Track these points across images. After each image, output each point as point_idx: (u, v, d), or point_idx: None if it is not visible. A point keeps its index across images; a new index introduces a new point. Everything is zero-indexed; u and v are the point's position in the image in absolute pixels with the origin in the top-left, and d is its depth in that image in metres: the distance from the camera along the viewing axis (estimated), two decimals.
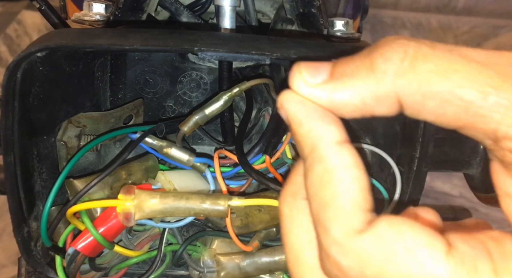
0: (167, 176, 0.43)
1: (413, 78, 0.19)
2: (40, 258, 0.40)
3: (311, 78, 0.21)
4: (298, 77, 0.21)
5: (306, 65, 0.21)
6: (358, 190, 0.19)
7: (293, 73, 0.21)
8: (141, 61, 0.52)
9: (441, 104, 0.19)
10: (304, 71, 0.21)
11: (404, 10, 2.04)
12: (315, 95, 0.21)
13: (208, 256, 0.44)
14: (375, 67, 0.19)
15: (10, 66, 0.33)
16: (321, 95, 0.21)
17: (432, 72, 0.19)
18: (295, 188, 0.22)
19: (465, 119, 0.19)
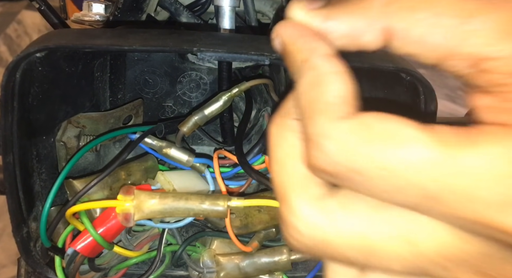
0: (167, 176, 0.43)
1: (401, 5, 0.20)
2: (39, 258, 0.40)
3: (308, 5, 0.23)
4: (296, 4, 0.23)
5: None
6: (345, 89, 0.20)
7: (291, 3, 0.23)
8: (141, 61, 0.52)
9: (425, 31, 0.20)
10: (302, 0, 0.23)
11: None
12: (309, 20, 0.22)
13: (207, 257, 0.44)
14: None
15: (9, 67, 0.33)
16: (315, 20, 0.22)
17: (418, 1, 0.20)
18: (285, 111, 0.23)
19: (446, 45, 0.19)
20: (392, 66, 0.35)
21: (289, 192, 0.22)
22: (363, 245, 0.20)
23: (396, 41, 0.21)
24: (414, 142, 0.18)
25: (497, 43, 0.18)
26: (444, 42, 0.19)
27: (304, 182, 0.21)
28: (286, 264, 0.44)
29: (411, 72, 0.35)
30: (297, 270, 0.47)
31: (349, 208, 0.20)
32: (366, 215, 0.20)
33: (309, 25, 0.22)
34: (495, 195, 0.17)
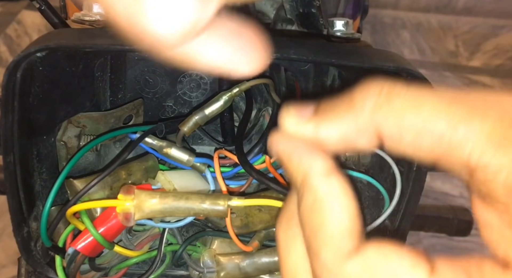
0: (167, 176, 0.43)
1: (388, 112, 0.20)
2: (40, 258, 0.41)
3: (297, 115, 0.23)
4: (286, 115, 0.23)
5: (293, 105, 0.23)
6: (346, 216, 0.20)
7: (282, 113, 0.23)
8: (141, 61, 0.52)
9: (416, 137, 0.20)
10: (292, 109, 0.23)
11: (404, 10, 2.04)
12: (301, 131, 0.22)
13: (208, 256, 0.44)
14: (354, 103, 0.21)
15: (9, 66, 0.33)
16: (306, 131, 0.22)
17: (406, 106, 0.20)
18: (289, 215, 0.23)
19: (439, 151, 0.20)
20: (392, 66, 0.35)
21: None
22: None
23: (388, 144, 0.21)
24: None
25: (487, 152, 0.18)
26: (435, 148, 0.20)
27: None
28: None
29: (411, 71, 0.35)
30: None
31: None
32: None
33: (302, 135, 0.22)
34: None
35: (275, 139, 0.23)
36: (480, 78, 1.82)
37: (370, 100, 0.21)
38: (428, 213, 1.07)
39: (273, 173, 0.45)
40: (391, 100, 0.20)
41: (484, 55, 1.92)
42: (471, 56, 1.91)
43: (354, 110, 0.21)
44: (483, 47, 1.94)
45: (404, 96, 0.20)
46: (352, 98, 0.21)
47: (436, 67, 1.84)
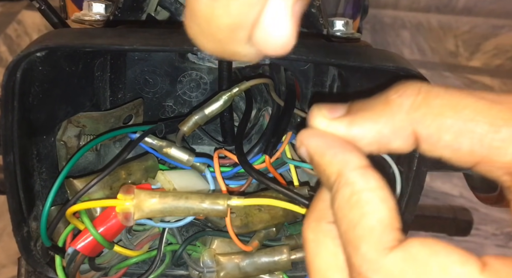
0: (167, 176, 0.43)
1: (427, 111, 0.20)
2: (39, 257, 0.40)
3: (329, 114, 0.22)
4: (318, 113, 0.23)
5: (324, 104, 0.23)
6: (386, 209, 0.20)
7: (312, 110, 0.23)
8: (141, 61, 0.52)
9: (455, 137, 0.19)
10: (323, 108, 0.23)
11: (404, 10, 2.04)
12: (334, 128, 0.22)
13: (207, 256, 0.44)
14: (391, 101, 0.21)
15: (9, 66, 0.33)
16: (339, 129, 0.22)
17: (445, 106, 0.20)
18: (319, 214, 0.22)
19: (480, 152, 0.19)
20: (392, 66, 0.35)
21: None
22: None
23: (425, 145, 0.20)
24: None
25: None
26: (476, 149, 0.19)
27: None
28: (286, 263, 0.44)
29: (411, 71, 0.35)
30: (297, 270, 0.47)
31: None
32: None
33: (334, 134, 0.22)
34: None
35: (306, 135, 0.22)
36: (480, 78, 1.82)
37: (408, 99, 0.20)
38: (428, 213, 1.07)
39: (273, 173, 0.45)
40: (430, 100, 0.20)
41: (484, 55, 1.92)
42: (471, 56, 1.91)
43: (390, 110, 0.21)
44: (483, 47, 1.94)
45: (444, 97, 0.20)
46: (388, 98, 0.21)
47: (436, 67, 1.84)
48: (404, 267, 0.18)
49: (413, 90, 0.21)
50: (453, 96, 0.20)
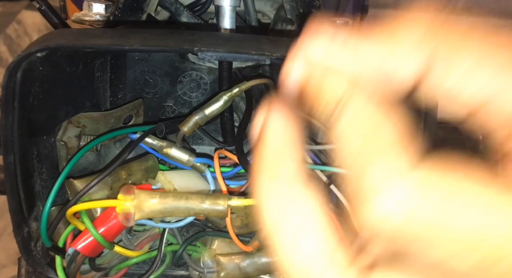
0: (167, 176, 0.43)
1: (447, 36, 0.18)
2: (40, 258, 0.40)
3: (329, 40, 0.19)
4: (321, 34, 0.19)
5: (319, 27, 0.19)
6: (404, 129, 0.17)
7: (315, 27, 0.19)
8: (141, 61, 0.52)
9: (471, 70, 0.17)
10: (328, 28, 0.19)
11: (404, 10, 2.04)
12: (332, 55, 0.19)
13: (208, 256, 0.44)
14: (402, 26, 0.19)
15: (10, 67, 0.33)
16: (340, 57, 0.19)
17: (463, 36, 0.18)
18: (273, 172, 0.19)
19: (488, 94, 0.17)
20: None
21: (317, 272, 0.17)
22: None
23: (433, 79, 0.18)
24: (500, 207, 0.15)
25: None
26: (486, 91, 0.17)
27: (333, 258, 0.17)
28: None
29: None
30: None
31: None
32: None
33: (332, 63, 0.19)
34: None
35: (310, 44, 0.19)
36: None
37: (421, 26, 0.18)
38: None
39: None
40: (449, 27, 0.18)
41: None
42: None
43: (403, 29, 0.18)
44: None
45: (462, 27, 0.18)
46: (399, 23, 0.19)
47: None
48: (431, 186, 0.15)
49: (426, 17, 0.18)
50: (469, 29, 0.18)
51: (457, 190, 0.15)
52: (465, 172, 0.16)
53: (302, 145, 0.19)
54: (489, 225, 0.15)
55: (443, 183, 0.16)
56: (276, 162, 0.19)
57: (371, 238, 0.17)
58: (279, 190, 0.18)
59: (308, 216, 0.18)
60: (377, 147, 0.16)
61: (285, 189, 0.18)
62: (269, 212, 0.18)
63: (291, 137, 0.19)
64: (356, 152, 0.17)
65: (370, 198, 0.16)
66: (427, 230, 0.15)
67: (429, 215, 0.15)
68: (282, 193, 0.18)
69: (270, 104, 0.20)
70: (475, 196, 0.15)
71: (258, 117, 0.20)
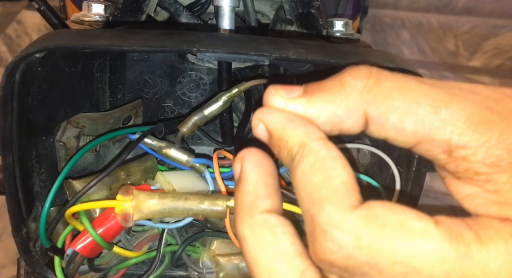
0: (166, 177, 0.43)
1: (378, 92, 0.21)
2: (39, 258, 0.40)
3: (286, 94, 0.23)
4: (274, 93, 0.24)
5: (280, 85, 0.24)
6: (347, 174, 0.21)
7: (268, 91, 0.24)
8: (141, 61, 0.52)
9: (401, 118, 0.21)
10: (280, 88, 0.24)
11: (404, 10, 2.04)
12: (291, 108, 0.23)
13: (207, 257, 0.44)
14: (345, 83, 0.22)
15: (8, 67, 0.33)
16: (296, 108, 0.23)
17: (393, 89, 0.21)
18: (248, 208, 0.23)
19: (422, 132, 0.21)
20: (392, 66, 0.35)
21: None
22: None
23: (373, 126, 0.22)
24: (427, 236, 0.19)
25: (467, 133, 0.20)
26: (418, 129, 0.21)
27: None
28: None
29: (411, 72, 0.35)
30: None
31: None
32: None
33: (292, 112, 0.23)
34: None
35: (264, 111, 0.23)
36: (480, 78, 1.82)
37: (361, 82, 0.22)
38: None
39: None
40: (380, 83, 0.22)
41: (484, 55, 1.92)
42: (471, 56, 1.91)
43: (345, 91, 0.22)
44: (483, 47, 1.94)
45: (392, 80, 0.22)
46: (343, 80, 0.22)
47: (436, 67, 1.84)
48: (366, 224, 0.19)
49: (365, 73, 0.22)
50: (400, 79, 0.21)
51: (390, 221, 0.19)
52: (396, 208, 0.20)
53: (277, 182, 0.23)
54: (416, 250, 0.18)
55: (379, 219, 0.19)
56: (252, 200, 0.22)
57: (326, 268, 0.20)
58: (254, 226, 0.22)
59: (278, 250, 0.21)
60: (326, 193, 0.20)
61: (258, 226, 0.22)
62: (247, 245, 0.22)
63: (266, 178, 0.23)
64: (309, 197, 0.21)
65: (321, 236, 0.20)
66: (369, 258, 0.19)
67: (369, 246, 0.19)
68: (256, 228, 0.22)
69: (247, 149, 0.24)
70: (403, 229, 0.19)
71: (236, 160, 0.24)
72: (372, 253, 0.19)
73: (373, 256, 0.19)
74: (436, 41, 1.95)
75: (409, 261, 0.18)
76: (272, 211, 0.22)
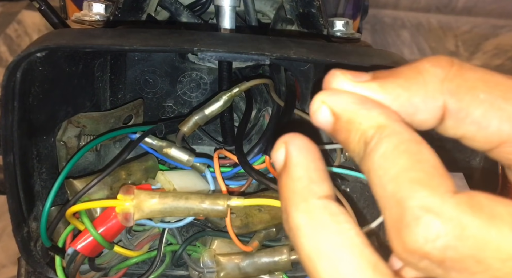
0: (167, 176, 0.43)
1: (461, 83, 0.19)
2: (39, 258, 0.40)
3: (354, 77, 0.20)
4: (340, 75, 0.20)
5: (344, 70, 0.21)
6: (438, 161, 0.18)
7: (332, 73, 0.21)
8: (141, 61, 0.52)
9: (486, 113, 0.18)
10: (346, 71, 0.21)
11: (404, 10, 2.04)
12: (359, 92, 0.20)
13: (207, 256, 0.44)
14: (424, 70, 0.19)
15: (9, 66, 0.33)
16: (366, 93, 0.20)
17: (478, 80, 0.19)
18: (302, 193, 0.20)
19: (508, 132, 0.18)
20: (392, 66, 0.35)
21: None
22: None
23: (451, 121, 0.19)
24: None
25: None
26: (504, 128, 0.18)
27: None
28: (286, 264, 0.44)
29: None
30: (297, 270, 0.47)
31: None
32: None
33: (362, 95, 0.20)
34: None
35: (330, 93, 0.20)
36: None
37: (443, 70, 0.19)
38: None
39: (273, 173, 0.45)
40: (464, 73, 0.19)
41: (484, 55, 1.92)
42: (471, 56, 1.91)
43: (423, 78, 0.19)
44: (483, 47, 1.94)
45: (476, 71, 0.19)
46: (421, 66, 0.20)
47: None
48: (471, 212, 0.16)
49: (446, 61, 0.20)
50: (485, 71, 0.19)
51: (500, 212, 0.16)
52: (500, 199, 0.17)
53: (326, 169, 0.20)
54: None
55: (486, 209, 0.16)
56: (306, 185, 0.20)
57: (413, 261, 0.17)
58: (313, 212, 0.19)
59: (344, 240, 0.18)
60: (417, 175, 0.17)
61: (318, 212, 0.19)
62: (304, 234, 0.19)
63: (316, 162, 0.20)
64: (394, 180, 0.18)
65: (413, 222, 0.17)
66: (475, 251, 0.16)
67: (475, 236, 0.16)
68: (316, 214, 0.19)
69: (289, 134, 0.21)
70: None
71: (278, 145, 0.21)
72: (479, 245, 0.16)
73: (480, 249, 0.16)
74: (436, 41, 1.95)
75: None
76: (330, 197, 0.19)
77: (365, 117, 0.19)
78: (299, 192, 0.20)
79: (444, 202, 0.17)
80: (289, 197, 0.20)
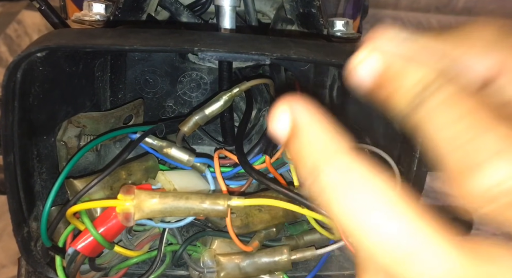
0: (167, 176, 0.43)
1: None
2: (40, 258, 0.40)
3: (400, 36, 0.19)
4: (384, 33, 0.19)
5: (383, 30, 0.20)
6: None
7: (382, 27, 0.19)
8: (141, 61, 0.52)
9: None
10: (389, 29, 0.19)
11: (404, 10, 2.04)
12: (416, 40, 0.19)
13: (208, 256, 0.44)
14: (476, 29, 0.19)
15: (10, 66, 0.33)
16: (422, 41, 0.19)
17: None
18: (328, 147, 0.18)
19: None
20: None
21: None
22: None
23: (505, 78, 0.18)
24: None
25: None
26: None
27: None
28: (287, 264, 0.44)
29: None
30: (297, 270, 0.47)
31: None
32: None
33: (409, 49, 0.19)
34: None
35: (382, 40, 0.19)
36: None
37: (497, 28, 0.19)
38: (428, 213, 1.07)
39: (273, 173, 0.45)
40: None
41: None
42: None
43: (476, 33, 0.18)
44: None
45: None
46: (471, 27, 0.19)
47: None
48: None
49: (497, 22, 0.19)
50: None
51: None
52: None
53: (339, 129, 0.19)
54: None
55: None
56: (330, 138, 0.18)
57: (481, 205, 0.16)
58: (347, 166, 0.17)
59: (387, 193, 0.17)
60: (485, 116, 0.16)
61: (353, 164, 0.17)
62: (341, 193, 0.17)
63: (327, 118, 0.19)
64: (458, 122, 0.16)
65: (486, 162, 0.16)
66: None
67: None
68: (352, 167, 0.17)
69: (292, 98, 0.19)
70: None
71: (279, 111, 0.20)
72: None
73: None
74: None
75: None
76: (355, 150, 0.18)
77: (420, 66, 0.18)
78: (325, 149, 0.18)
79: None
80: (314, 157, 0.18)
